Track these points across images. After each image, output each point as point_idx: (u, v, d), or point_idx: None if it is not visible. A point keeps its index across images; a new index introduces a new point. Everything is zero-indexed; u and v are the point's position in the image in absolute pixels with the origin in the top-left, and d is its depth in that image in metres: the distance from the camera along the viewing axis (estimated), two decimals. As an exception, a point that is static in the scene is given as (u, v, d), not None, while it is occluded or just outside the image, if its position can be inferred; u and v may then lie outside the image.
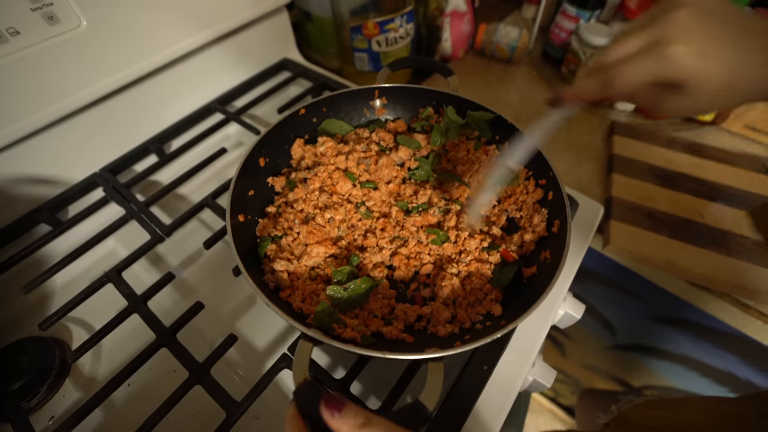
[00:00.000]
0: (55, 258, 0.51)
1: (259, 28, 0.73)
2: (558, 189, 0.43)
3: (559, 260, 0.37)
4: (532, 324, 0.47)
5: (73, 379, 0.46)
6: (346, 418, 0.24)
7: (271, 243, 0.44)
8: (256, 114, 0.72)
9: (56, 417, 0.43)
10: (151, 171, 0.60)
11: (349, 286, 0.41)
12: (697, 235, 0.63)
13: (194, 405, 0.41)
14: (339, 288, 0.41)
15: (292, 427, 0.26)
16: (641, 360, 0.92)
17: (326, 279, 0.44)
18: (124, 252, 0.53)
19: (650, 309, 0.77)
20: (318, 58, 0.92)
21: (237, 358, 0.46)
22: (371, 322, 0.41)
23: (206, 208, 0.54)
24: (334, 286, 0.41)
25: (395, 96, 0.57)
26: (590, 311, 0.90)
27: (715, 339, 0.72)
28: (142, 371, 0.42)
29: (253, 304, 0.51)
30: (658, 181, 0.70)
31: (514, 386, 0.43)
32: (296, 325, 0.34)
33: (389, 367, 0.44)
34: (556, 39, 0.91)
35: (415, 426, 0.27)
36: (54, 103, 0.50)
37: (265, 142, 0.49)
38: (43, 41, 0.46)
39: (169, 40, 0.58)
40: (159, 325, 0.44)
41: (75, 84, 0.51)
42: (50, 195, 0.55)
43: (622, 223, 0.65)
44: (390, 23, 0.77)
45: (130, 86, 0.59)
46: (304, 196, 0.48)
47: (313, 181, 0.49)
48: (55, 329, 0.48)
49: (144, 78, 0.60)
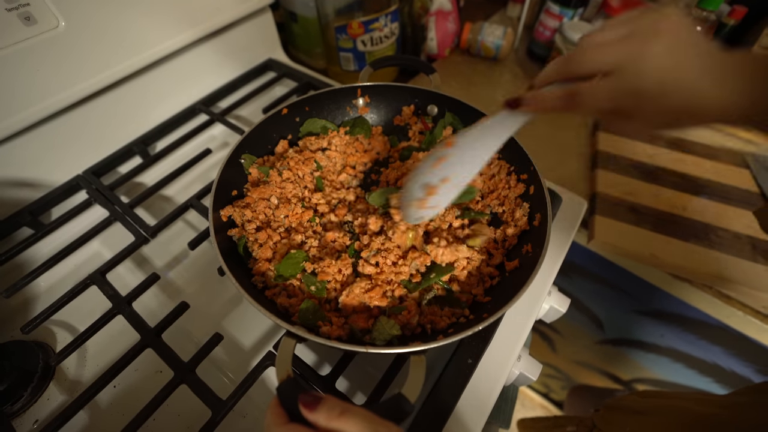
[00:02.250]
0: (38, 261, 0.50)
1: (243, 28, 0.73)
2: (539, 183, 0.44)
3: (540, 252, 0.38)
4: (516, 317, 0.47)
5: (57, 383, 0.45)
6: (322, 411, 0.25)
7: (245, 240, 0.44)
8: (241, 114, 0.72)
9: (40, 420, 0.43)
10: (136, 173, 0.59)
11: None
12: (680, 229, 0.64)
13: (180, 405, 0.41)
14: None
15: (274, 417, 0.27)
16: (629, 354, 0.94)
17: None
18: (109, 254, 0.53)
19: (636, 303, 0.78)
20: (304, 59, 0.92)
21: (223, 357, 0.46)
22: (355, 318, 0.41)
23: (191, 209, 0.54)
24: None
25: (377, 94, 0.57)
26: (578, 306, 0.92)
27: (698, 330, 0.73)
28: (128, 372, 0.42)
29: (239, 303, 0.50)
30: (642, 176, 0.71)
31: (499, 379, 0.43)
32: (279, 321, 0.34)
33: (375, 363, 0.44)
34: (541, 37, 0.92)
35: (396, 418, 0.28)
36: (34, 105, 0.49)
37: (247, 142, 0.49)
38: (20, 42, 0.46)
39: (151, 41, 0.58)
40: (144, 326, 0.44)
41: (55, 85, 0.51)
42: (32, 198, 0.55)
43: (607, 218, 0.66)
44: (375, 23, 0.77)
45: (113, 87, 0.58)
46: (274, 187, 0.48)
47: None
48: (38, 333, 0.48)
49: (126, 79, 0.59)
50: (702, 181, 0.71)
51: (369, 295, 0.38)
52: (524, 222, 0.45)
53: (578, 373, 1.15)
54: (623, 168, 0.72)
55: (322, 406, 0.26)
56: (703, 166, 0.73)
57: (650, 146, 0.76)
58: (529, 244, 0.42)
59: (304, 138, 0.54)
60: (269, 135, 0.52)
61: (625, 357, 0.96)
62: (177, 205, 0.54)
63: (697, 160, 0.74)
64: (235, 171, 0.48)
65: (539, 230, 0.42)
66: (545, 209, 0.41)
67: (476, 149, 0.36)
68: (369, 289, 0.39)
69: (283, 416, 0.27)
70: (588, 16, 0.90)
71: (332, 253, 0.44)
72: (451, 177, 0.37)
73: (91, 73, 0.53)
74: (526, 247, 0.42)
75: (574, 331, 1.01)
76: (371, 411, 0.26)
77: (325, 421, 0.25)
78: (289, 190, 0.48)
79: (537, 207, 0.44)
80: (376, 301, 0.39)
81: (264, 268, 0.42)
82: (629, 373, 1.01)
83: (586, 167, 0.74)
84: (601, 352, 1.00)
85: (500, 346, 0.45)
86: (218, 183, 0.44)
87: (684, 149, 0.76)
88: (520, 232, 0.45)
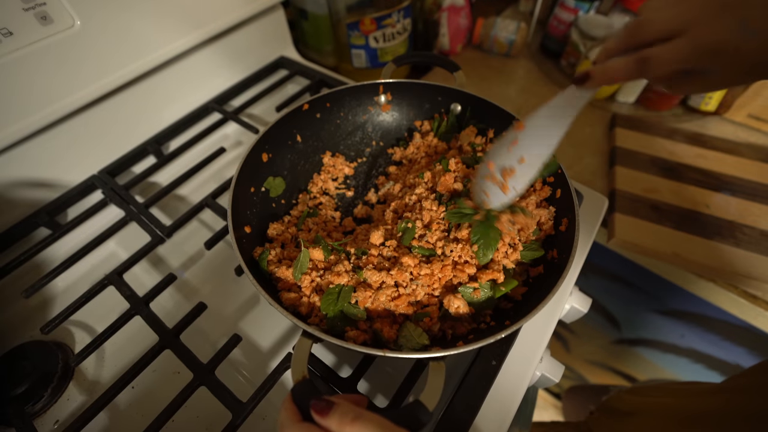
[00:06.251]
0: (55, 261, 0.50)
1: (254, 26, 0.73)
2: (566, 186, 0.42)
3: (567, 259, 0.36)
4: (539, 319, 0.46)
5: (76, 383, 0.45)
6: (334, 417, 0.25)
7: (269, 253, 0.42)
8: (254, 113, 0.72)
9: (61, 421, 0.42)
10: (150, 172, 0.59)
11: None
12: (703, 226, 0.62)
13: (199, 407, 0.41)
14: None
15: (288, 413, 0.27)
16: (646, 354, 0.92)
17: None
18: (125, 254, 0.53)
19: (655, 302, 0.77)
20: (315, 57, 0.91)
21: (241, 359, 0.46)
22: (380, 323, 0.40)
23: (206, 209, 0.54)
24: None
25: (400, 92, 0.56)
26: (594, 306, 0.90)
27: (721, 331, 0.71)
28: (146, 373, 0.42)
29: (257, 304, 0.50)
30: (662, 173, 0.70)
31: (522, 381, 0.42)
32: (296, 321, 0.33)
33: (396, 366, 0.44)
34: (555, 31, 0.90)
35: (413, 426, 0.27)
36: (50, 105, 0.49)
37: (267, 138, 0.48)
38: (37, 42, 0.46)
39: (164, 40, 0.58)
40: (162, 326, 0.44)
41: (71, 85, 0.50)
42: (48, 198, 0.55)
43: (627, 215, 0.64)
44: (387, 18, 0.76)
45: (127, 87, 0.58)
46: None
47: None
48: (57, 333, 0.48)
49: (140, 78, 0.59)
50: (725, 178, 0.69)
51: (395, 303, 0.37)
52: (549, 227, 0.43)
53: (592, 372, 1.14)
54: (642, 164, 0.71)
55: (334, 412, 0.25)
56: (725, 162, 0.71)
57: (669, 142, 0.75)
58: (554, 250, 0.40)
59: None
60: (289, 131, 0.52)
61: (641, 357, 0.94)
62: (192, 205, 0.54)
63: (720, 156, 0.72)
64: (253, 167, 0.47)
65: (566, 235, 0.40)
66: (573, 214, 0.40)
67: (548, 127, 0.36)
68: (395, 297, 0.38)
69: (297, 414, 0.27)
70: (604, 9, 0.88)
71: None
72: (526, 157, 0.38)
73: (106, 73, 0.53)
74: (552, 253, 0.40)
75: (588, 331, 0.99)
76: (387, 418, 0.25)
77: (338, 426, 0.25)
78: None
79: (563, 211, 0.42)
80: (402, 309, 0.38)
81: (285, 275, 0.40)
82: (645, 373, 0.99)
83: (604, 164, 0.73)
84: (617, 351, 0.98)
85: (523, 348, 0.44)
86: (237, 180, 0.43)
87: (705, 145, 0.74)
88: (545, 236, 0.43)
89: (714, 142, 0.74)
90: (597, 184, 0.69)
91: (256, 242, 0.44)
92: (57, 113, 0.50)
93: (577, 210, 0.40)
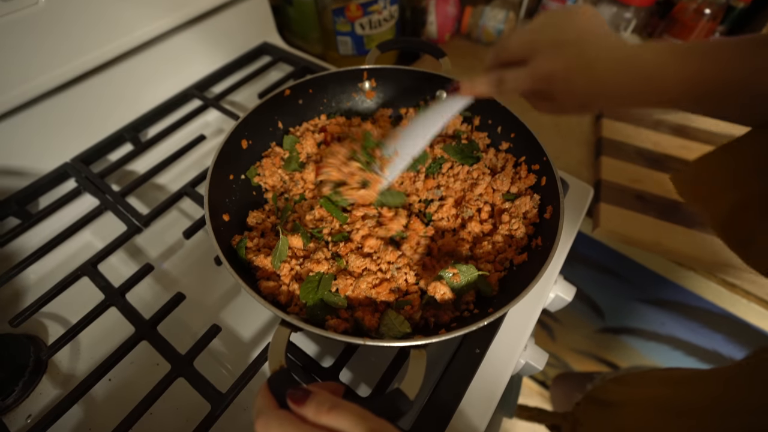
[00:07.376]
0: (26, 252, 0.48)
1: (236, 10, 0.70)
2: (552, 174, 0.42)
3: (551, 246, 0.36)
4: (523, 307, 0.46)
5: (50, 377, 0.44)
6: (310, 406, 0.25)
7: (247, 241, 0.41)
8: (236, 100, 0.70)
9: (33, 415, 0.41)
10: (127, 160, 0.57)
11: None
12: (685, 216, 0.63)
13: (178, 398, 0.40)
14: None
15: (265, 400, 0.27)
16: (629, 341, 0.94)
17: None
18: (101, 244, 0.51)
19: (638, 291, 0.78)
20: (300, 44, 0.89)
21: (222, 350, 0.45)
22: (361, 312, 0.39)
23: (185, 197, 0.52)
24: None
25: (385, 78, 0.55)
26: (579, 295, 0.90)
27: (701, 318, 0.73)
28: (124, 366, 0.41)
29: (238, 294, 0.49)
30: (647, 163, 0.70)
31: (506, 369, 0.42)
32: (275, 310, 0.33)
33: (379, 356, 0.43)
34: (544, 21, 0.89)
35: (393, 415, 0.27)
36: (13, 88, 0.47)
37: (247, 124, 0.47)
38: (-1, 19, 0.43)
39: (139, 22, 0.55)
40: (138, 317, 0.43)
41: (37, 67, 0.48)
42: (18, 186, 0.53)
43: (612, 205, 0.64)
44: (373, 5, 0.74)
45: (100, 70, 0.56)
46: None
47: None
48: (29, 326, 0.46)
49: (116, 61, 0.57)
50: (707, 168, 0.69)
51: (376, 291, 0.37)
52: (534, 214, 0.43)
53: (577, 361, 1.16)
54: (628, 155, 0.71)
55: (311, 401, 0.25)
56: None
57: (654, 133, 0.75)
58: (539, 237, 0.40)
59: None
60: (270, 116, 0.50)
61: (624, 345, 0.96)
62: (171, 193, 0.52)
63: (703, 147, 0.73)
64: (232, 154, 0.46)
65: (550, 223, 0.40)
66: (557, 201, 0.40)
67: (424, 127, 0.42)
68: (376, 285, 0.37)
69: (274, 401, 0.27)
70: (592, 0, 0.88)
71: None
72: (400, 151, 0.43)
73: (75, 55, 0.50)
74: (536, 241, 0.41)
75: (573, 320, 1.01)
76: (366, 407, 0.25)
77: (314, 416, 0.24)
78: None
79: (548, 199, 0.42)
80: (384, 296, 0.37)
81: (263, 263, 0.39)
82: (629, 361, 1.01)
83: (590, 154, 0.73)
84: (601, 340, 1.00)
85: (508, 336, 0.44)
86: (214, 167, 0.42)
87: (688, 136, 0.75)
88: (529, 224, 0.43)
89: (697, 133, 0.75)
90: (583, 174, 0.70)
91: (235, 231, 0.43)
92: (23, 96, 0.47)
93: (561, 197, 0.39)
